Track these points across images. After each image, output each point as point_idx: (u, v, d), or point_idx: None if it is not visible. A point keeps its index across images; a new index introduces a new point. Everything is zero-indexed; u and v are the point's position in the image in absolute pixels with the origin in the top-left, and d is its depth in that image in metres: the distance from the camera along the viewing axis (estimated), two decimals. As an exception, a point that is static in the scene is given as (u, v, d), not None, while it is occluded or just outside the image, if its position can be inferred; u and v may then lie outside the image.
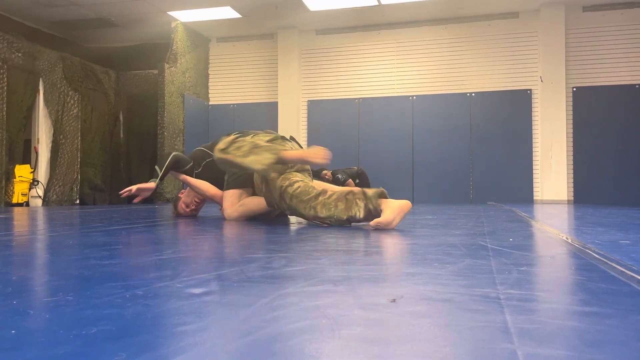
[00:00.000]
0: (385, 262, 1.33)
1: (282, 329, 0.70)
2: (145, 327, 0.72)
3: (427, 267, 1.25)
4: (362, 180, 7.00)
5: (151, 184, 3.10)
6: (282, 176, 2.67)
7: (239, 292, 0.96)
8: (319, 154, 2.57)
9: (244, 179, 3.08)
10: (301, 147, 3.07)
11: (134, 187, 3.07)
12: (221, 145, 2.73)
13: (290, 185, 2.62)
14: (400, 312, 0.79)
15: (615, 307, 0.84)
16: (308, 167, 2.90)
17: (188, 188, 3.47)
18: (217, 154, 2.74)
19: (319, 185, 2.69)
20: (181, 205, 3.49)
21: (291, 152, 2.67)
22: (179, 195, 3.58)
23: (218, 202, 3.31)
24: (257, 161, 2.58)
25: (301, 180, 2.64)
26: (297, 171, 2.77)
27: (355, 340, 0.65)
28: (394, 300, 0.87)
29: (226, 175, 3.16)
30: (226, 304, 0.86)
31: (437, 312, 0.81)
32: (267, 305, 0.84)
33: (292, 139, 3.06)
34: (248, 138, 2.77)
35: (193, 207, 3.50)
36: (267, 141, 2.77)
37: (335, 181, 6.39)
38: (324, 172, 6.38)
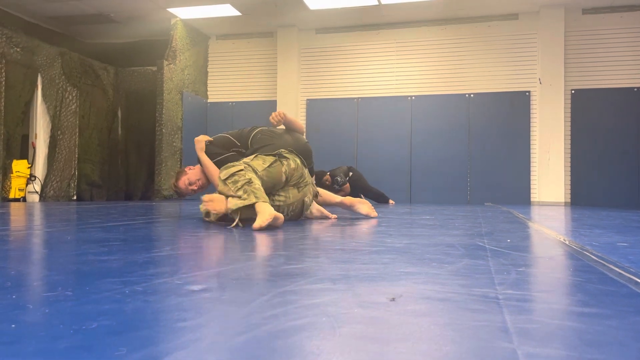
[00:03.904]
0: (383, 261, 1.33)
1: (282, 326, 0.70)
2: (146, 322, 0.72)
3: (426, 266, 1.26)
4: (352, 179, 6.72)
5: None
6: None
7: (239, 290, 0.96)
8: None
9: None
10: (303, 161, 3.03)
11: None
12: (223, 174, 2.62)
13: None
14: (400, 311, 0.80)
15: (614, 308, 0.84)
16: (306, 180, 2.94)
17: (198, 166, 3.32)
18: (219, 186, 2.65)
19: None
20: (184, 181, 3.27)
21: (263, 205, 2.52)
22: (186, 169, 3.36)
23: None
24: (238, 204, 2.48)
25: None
26: (293, 186, 2.86)
27: (356, 338, 0.65)
28: (393, 299, 0.87)
29: None
30: (226, 301, 0.86)
31: (436, 311, 0.81)
32: (267, 303, 0.84)
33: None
34: (249, 163, 2.69)
35: (195, 188, 3.30)
36: (267, 167, 2.72)
37: (334, 183, 6.34)
38: (325, 177, 6.32)
